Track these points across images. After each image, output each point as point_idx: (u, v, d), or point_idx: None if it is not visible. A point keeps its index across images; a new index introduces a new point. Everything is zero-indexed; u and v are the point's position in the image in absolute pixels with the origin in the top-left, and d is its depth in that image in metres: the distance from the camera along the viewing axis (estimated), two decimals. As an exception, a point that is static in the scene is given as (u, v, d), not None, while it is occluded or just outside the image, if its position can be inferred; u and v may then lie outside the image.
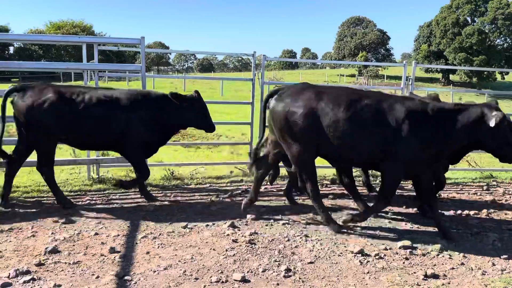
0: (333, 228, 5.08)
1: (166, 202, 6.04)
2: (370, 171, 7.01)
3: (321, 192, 6.80)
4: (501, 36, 62.73)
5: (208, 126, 6.21)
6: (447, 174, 8.18)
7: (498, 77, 65.99)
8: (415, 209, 6.11)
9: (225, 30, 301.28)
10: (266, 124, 5.49)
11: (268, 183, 7.06)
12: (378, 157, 4.84)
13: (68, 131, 5.56)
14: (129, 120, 5.61)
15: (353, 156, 4.99)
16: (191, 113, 5.98)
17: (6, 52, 54.40)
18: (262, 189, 6.92)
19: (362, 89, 6.73)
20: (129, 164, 6.95)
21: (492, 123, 4.59)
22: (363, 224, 5.38)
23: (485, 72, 60.09)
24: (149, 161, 7.43)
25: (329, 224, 5.14)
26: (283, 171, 7.99)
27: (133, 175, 7.30)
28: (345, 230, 5.09)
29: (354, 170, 6.21)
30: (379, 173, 6.41)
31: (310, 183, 5.10)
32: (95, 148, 6.32)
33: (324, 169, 8.40)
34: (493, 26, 61.94)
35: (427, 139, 4.69)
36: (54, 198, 5.74)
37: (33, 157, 6.04)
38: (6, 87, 6.22)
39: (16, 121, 5.52)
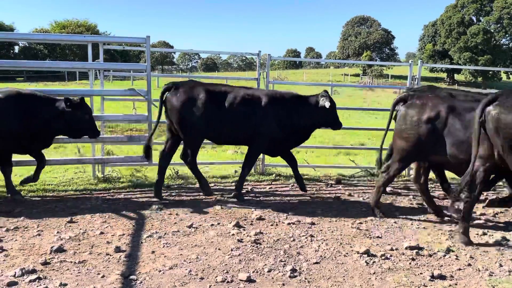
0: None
1: (171, 202, 6.03)
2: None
3: (325, 192, 6.81)
4: (507, 35, 62.42)
5: (336, 123, 6.45)
6: (452, 174, 8.16)
7: (504, 76, 65.67)
8: (421, 208, 6.07)
9: (228, 29, 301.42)
10: None
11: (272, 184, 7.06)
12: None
13: (216, 128, 5.98)
14: (266, 117, 5.99)
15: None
16: (322, 112, 6.18)
17: (11, 51, 54.62)
18: (267, 188, 6.94)
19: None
20: (134, 162, 6.97)
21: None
22: (369, 224, 5.37)
23: (490, 72, 59.88)
24: (154, 161, 7.44)
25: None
26: (283, 171, 7.99)
27: (138, 174, 7.32)
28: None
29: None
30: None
31: None
32: (232, 143, 6.84)
33: (328, 168, 8.38)
34: (499, 25, 61.64)
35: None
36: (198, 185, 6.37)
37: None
38: (11, 86, 6.24)
39: (167, 117, 6.00)
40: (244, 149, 10.83)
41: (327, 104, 6.02)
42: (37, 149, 5.90)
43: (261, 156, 7.88)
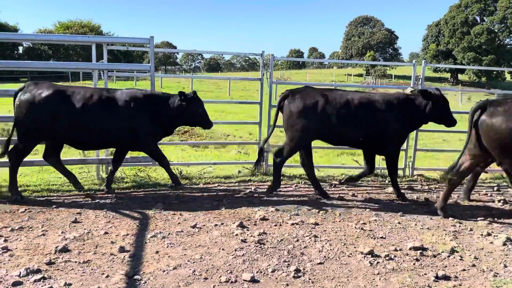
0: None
1: (175, 202, 6.04)
2: None
3: (329, 192, 6.81)
4: (511, 35, 62.17)
5: (451, 120, 6.64)
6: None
7: (508, 76, 65.41)
8: (425, 209, 6.06)
9: (232, 29, 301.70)
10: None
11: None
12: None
13: (333, 131, 6.27)
14: (388, 119, 6.22)
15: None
16: (435, 109, 6.37)
17: (16, 52, 54.83)
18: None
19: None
20: (138, 163, 6.99)
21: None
22: (373, 225, 5.36)
23: (494, 72, 59.70)
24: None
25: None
26: (293, 171, 7.99)
27: (142, 174, 7.33)
28: None
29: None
30: None
31: None
32: (348, 144, 6.86)
33: (333, 169, 8.38)
34: (503, 25, 61.41)
35: None
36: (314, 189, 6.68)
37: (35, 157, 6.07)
38: (15, 86, 6.27)
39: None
40: (251, 148, 10.86)
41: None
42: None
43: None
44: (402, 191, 6.82)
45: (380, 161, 9.15)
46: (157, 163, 6.50)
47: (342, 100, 6.27)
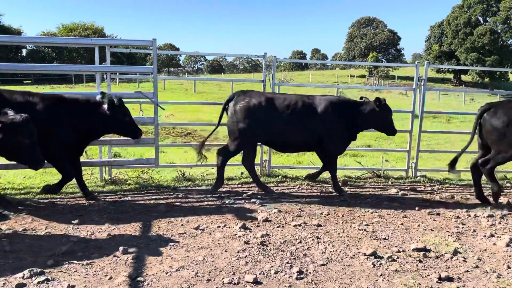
0: None
1: (178, 203, 6.05)
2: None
3: (332, 193, 6.80)
4: (514, 35, 61.94)
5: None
6: (460, 176, 8.11)
7: (511, 77, 65.18)
8: (428, 210, 6.05)
9: (234, 31, 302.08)
10: None
11: (278, 186, 7.07)
12: None
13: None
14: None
15: None
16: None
17: (19, 54, 55.05)
18: (273, 190, 6.93)
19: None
20: (141, 165, 7.01)
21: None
22: (376, 226, 5.36)
23: (498, 72, 59.55)
24: (160, 162, 7.47)
25: None
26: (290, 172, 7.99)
27: (145, 176, 7.35)
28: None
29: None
30: None
31: None
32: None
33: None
34: (506, 25, 61.25)
35: None
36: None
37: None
38: (19, 89, 6.30)
39: (481, 135, 6.43)
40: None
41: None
42: None
43: (267, 157, 7.89)
44: (402, 191, 6.80)
45: (383, 162, 9.15)
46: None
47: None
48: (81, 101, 5.89)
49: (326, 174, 8.06)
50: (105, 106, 5.82)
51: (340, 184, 7.44)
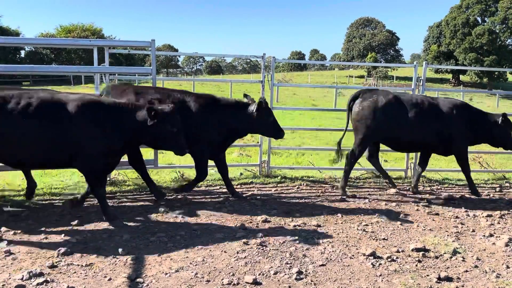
0: None
1: (177, 204, 6.05)
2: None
3: (331, 194, 6.80)
4: (512, 36, 62.01)
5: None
6: (460, 175, 8.13)
7: (509, 77, 65.33)
8: (427, 210, 6.06)
9: (233, 32, 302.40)
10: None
11: (277, 187, 7.07)
12: None
13: None
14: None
15: None
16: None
17: (18, 56, 54.96)
18: (272, 191, 6.94)
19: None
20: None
21: None
22: (375, 226, 5.36)
23: (496, 72, 59.57)
24: (159, 163, 7.46)
25: None
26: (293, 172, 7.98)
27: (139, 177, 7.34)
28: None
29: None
30: None
31: None
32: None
33: (333, 170, 8.37)
34: (504, 26, 61.31)
35: None
36: None
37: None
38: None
39: None
40: (252, 151, 10.86)
41: None
42: None
43: (266, 158, 7.89)
44: (401, 191, 6.81)
45: (382, 163, 9.15)
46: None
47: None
48: (231, 102, 6.27)
49: (325, 174, 8.07)
50: (253, 107, 6.08)
51: (338, 184, 7.45)
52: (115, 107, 5.14)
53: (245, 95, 6.56)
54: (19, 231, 4.81)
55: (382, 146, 7.25)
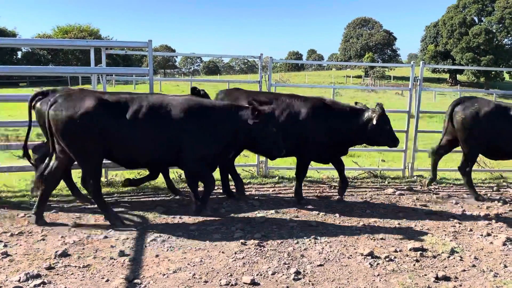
0: None
1: (175, 205, 6.04)
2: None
3: (329, 193, 6.81)
4: (509, 35, 62.30)
5: None
6: (457, 175, 8.15)
7: (506, 76, 65.50)
8: (425, 210, 6.07)
9: (231, 32, 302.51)
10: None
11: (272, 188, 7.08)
12: None
13: None
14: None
15: None
16: None
17: (14, 56, 54.84)
18: (270, 191, 6.93)
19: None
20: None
21: None
22: (373, 226, 5.37)
23: (493, 72, 59.71)
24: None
25: None
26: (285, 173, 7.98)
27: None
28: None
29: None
30: None
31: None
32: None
33: (331, 170, 8.37)
34: (501, 25, 61.50)
35: None
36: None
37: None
38: (14, 91, 6.26)
39: None
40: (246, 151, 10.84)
41: None
42: None
43: (263, 158, 7.89)
44: (399, 190, 6.81)
45: (379, 162, 9.16)
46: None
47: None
48: (344, 107, 6.13)
49: (322, 174, 8.07)
50: (369, 114, 5.96)
51: (336, 184, 7.46)
52: (219, 108, 5.38)
53: (356, 103, 6.42)
54: (16, 233, 4.79)
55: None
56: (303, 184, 7.35)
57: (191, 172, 5.47)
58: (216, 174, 6.28)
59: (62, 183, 6.84)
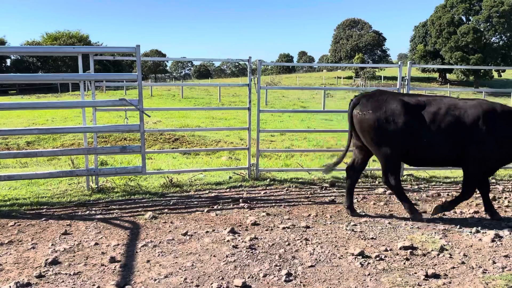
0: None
1: (166, 210, 6.03)
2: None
3: (320, 195, 6.84)
4: (496, 34, 63.02)
5: None
6: (446, 173, 8.23)
7: (495, 74, 66.15)
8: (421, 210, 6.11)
9: (222, 36, 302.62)
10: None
11: (267, 189, 7.09)
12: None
13: None
14: None
15: None
16: None
17: (3, 64, 54.46)
18: (261, 193, 6.94)
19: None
20: (126, 173, 6.98)
21: None
22: (364, 226, 5.40)
23: (482, 70, 60.27)
24: (148, 169, 7.44)
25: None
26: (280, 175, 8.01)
27: (132, 184, 7.31)
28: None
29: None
30: None
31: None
32: None
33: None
34: (488, 24, 62.21)
35: None
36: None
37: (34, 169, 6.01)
38: (3, 100, 6.24)
39: None
40: (241, 154, 10.86)
41: None
42: None
43: (254, 161, 7.91)
44: (389, 190, 6.85)
45: (371, 163, 9.21)
46: None
47: None
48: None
49: (314, 175, 8.10)
50: None
51: (327, 185, 7.49)
52: (507, 112, 5.41)
53: None
54: (5, 242, 4.76)
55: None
56: (294, 186, 7.40)
57: (470, 174, 5.56)
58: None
59: (54, 190, 6.82)
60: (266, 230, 5.23)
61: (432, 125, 5.38)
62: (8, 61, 56.18)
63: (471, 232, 5.19)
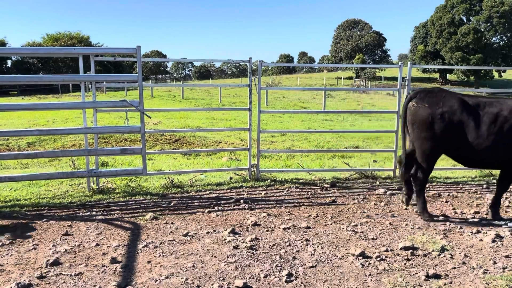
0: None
1: (167, 211, 6.04)
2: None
3: (320, 195, 6.85)
4: (497, 34, 63.00)
5: None
6: (447, 173, 8.24)
7: (495, 75, 66.14)
8: (415, 209, 6.12)
9: (223, 36, 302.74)
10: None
11: (264, 191, 7.10)
12: None
13: None
14: None
15: None
16: None
17: (4, 65, 54.53)
18: (262, 194, 6.95)
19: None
20: (127, 174, 6.99)
21: None
22: (364, 226, 5.40)
23: (482, 71, 60.25)
24: (149, 169, 7.45)
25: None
26: (279, 175, 8.01)
27: (133, 184, 7.32)
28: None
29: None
30: None
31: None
32: None
33: (323, 172, 8.42)
34: (489, 24, 62.20)
35: None
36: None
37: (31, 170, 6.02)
38: (4, 101, 6.25)
39: None
40: (242, 155, 10.87)
41: None
42: None
43: (255, 162, 7.91)
44: (390, 190, 6.86)
45: (370, 162, 9.22)
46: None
47: None
48: None
49: (314, 176, 8.10)
50: None
51: (328, 185, 7.50)
52: None
53: None
54: (7, 242, 4.77)
55: (373, 147, 7.28)
56: (294, 186, 7.41)
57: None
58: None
59: (55, 191, 6.83)
60: (267, 230, 5.23)
61: (491, 127, 5.30)
62: (9, 62, 56.28)
63: (471, 232, 5.19)
